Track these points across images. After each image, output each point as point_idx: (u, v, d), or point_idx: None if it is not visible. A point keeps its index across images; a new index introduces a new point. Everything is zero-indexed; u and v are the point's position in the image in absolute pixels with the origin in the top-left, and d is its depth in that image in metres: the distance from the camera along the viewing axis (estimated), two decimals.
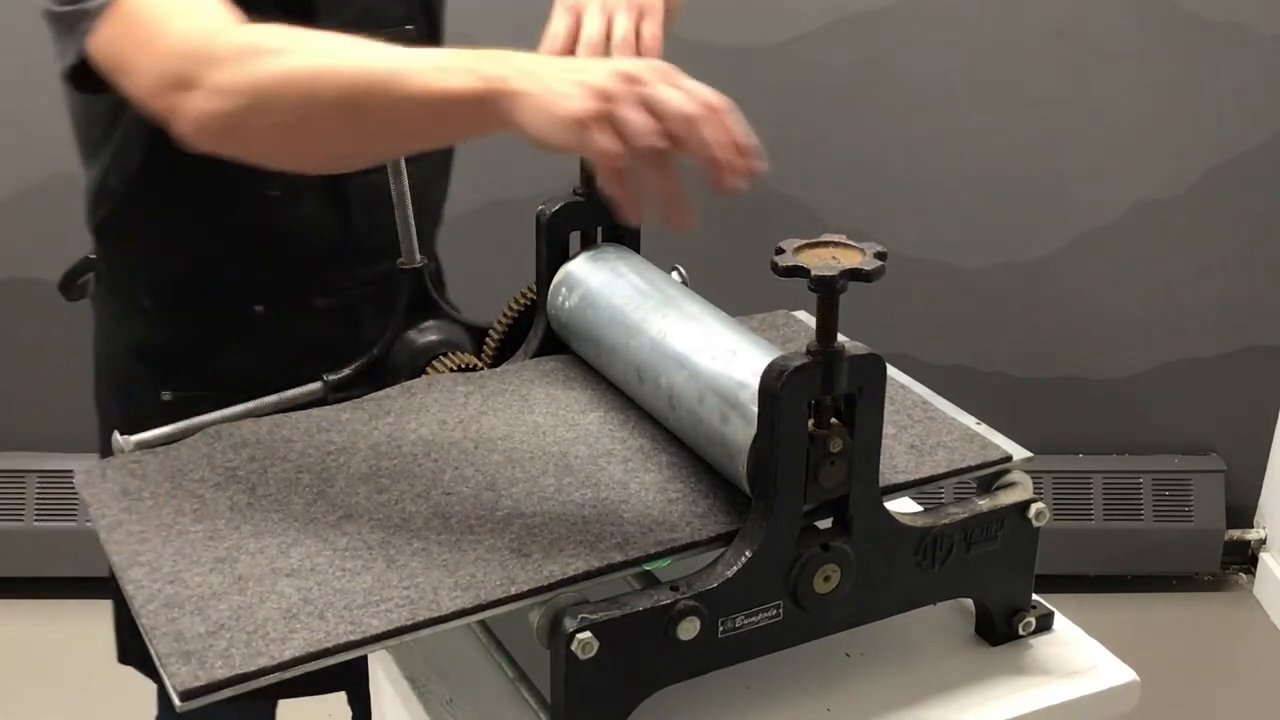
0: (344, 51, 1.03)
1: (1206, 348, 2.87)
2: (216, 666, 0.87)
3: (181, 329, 1.48)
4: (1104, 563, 2.88)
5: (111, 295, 1.52)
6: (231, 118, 1.05)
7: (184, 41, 1.08)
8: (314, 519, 1.02)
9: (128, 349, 1.51)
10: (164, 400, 1.47)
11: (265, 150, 1.08)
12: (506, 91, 0.95)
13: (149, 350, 1.50)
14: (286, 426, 1.14)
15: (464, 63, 0.98)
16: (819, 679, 1.07)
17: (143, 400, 1.48)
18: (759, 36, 2.62)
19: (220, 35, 1.08)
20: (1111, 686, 1.08)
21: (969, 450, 1.11)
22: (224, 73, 1.05)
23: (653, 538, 0.99)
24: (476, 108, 0.96)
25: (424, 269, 1.36)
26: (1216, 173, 2.74)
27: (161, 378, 1.48)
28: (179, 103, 1.07)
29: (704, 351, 1.06)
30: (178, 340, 1.48)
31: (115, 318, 1.52)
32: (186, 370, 1.48)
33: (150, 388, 1.48)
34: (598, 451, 1.10)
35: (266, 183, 1.40)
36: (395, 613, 0.92)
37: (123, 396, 1.53)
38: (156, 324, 1.48)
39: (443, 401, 1.18)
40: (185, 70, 1.07)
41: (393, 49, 1.03)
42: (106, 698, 2.36)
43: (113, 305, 1.52)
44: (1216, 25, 2.64)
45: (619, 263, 1.21)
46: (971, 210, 2.75)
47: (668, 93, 0.93)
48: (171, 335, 1.48)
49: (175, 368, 1.48)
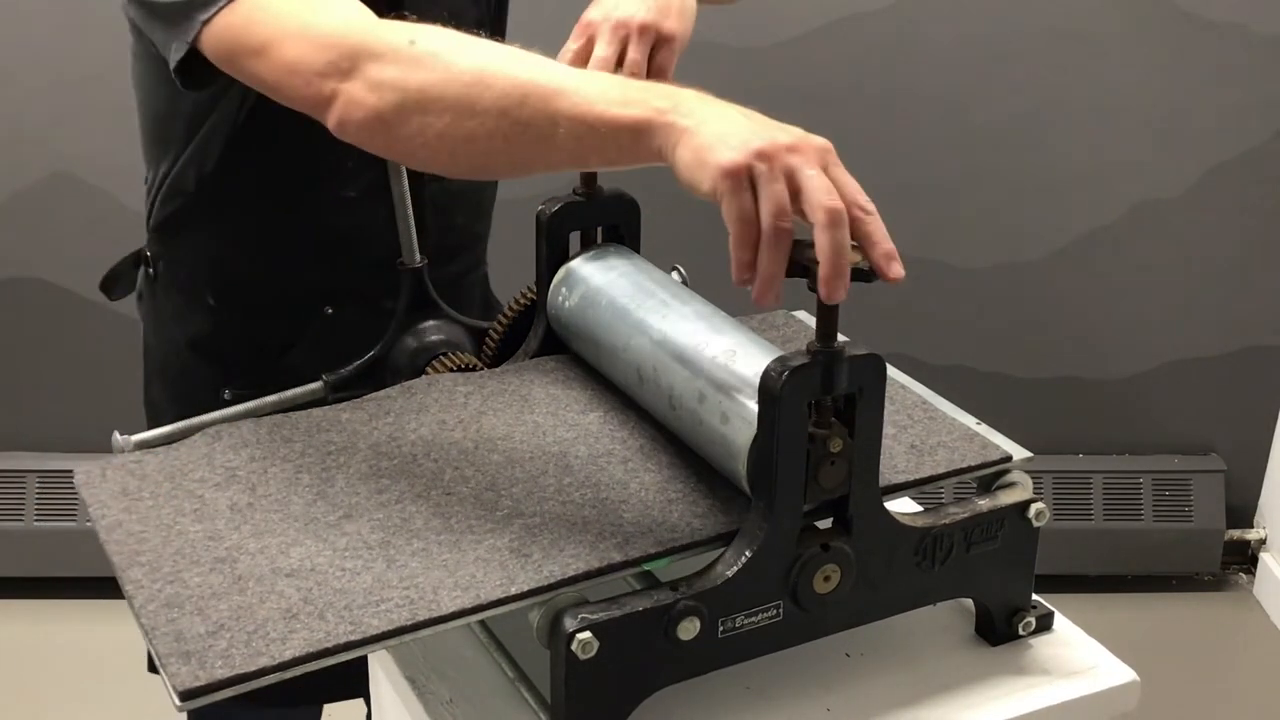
0: (507, 61, 1.02)
1: (1206, 348, 2.87)
2: (216, 666, 0.87)
3: (246, 327, 1.47)
4: (1104, 563, 2.88)
5: (171, 292, 1.51)
6: (388, 114, 1.03)
7: (345, 31, 1.07)
8: (314, 519, 1.02)
9: (187, 346, 1.50)
10: (224, 398, 1.45)
11: (413, 150, 1.05)
12: (668, 125, 0.94)
13: (210, 348, 1.49)
14: (286, 426, 1.14)
15: (631, 90, 0.97)
16: (819, 679, 1.07)
17: (201, 398, 1.45)
18: (759, 36, 2.62)
19: (382, 29, 1.06)
20: (1111, 686, 1.08)
21: (969, 450, 1.11)
22: (385, 68, 1.03)
23: (653, 538, 0.99)
24: (635, 135, 0.95)
25: (423, 268, 1.35)
26: (1216, 173, 2.74)
27: (223, 375, 1.47)
28: (340, 89, 1.05)
29: (704, 351, 1.06)
30: (242, 338, 1.47)
31: (175, 314, 1.51)
32: (250, 369, 1.47)
33: (210, 385, 1.46)
34: (598, 451, 1.10)
35: (344, 184, 1.39)
36: (395, 613, 0.92)
37: (179, 394, 1.52)
38: (220, 321, 1.47)
39: (443, 401, 1.18)
40: (346, 59, 1.05)
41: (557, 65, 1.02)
42: (106, 698, 2.36)
43: (172, 302, 1.51)
44: (1216, 25, 2.64)
45: (619, 262, 1.21)
46: (971, 210, 2.75)
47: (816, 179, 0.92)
48: (235, 333, 1.47)
49: (238, 366, 1.47)
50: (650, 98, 0.96)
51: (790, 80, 2.65)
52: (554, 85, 0.98)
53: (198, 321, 1.49)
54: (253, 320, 1.47)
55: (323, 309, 1.45)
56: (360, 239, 1.40)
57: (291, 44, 1.09)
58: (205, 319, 1.48)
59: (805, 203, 0.91)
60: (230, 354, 1.48)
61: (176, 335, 1.51)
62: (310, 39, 1.08)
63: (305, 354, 1.46)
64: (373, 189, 1.40)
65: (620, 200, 1.24)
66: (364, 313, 1.44)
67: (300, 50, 1.08)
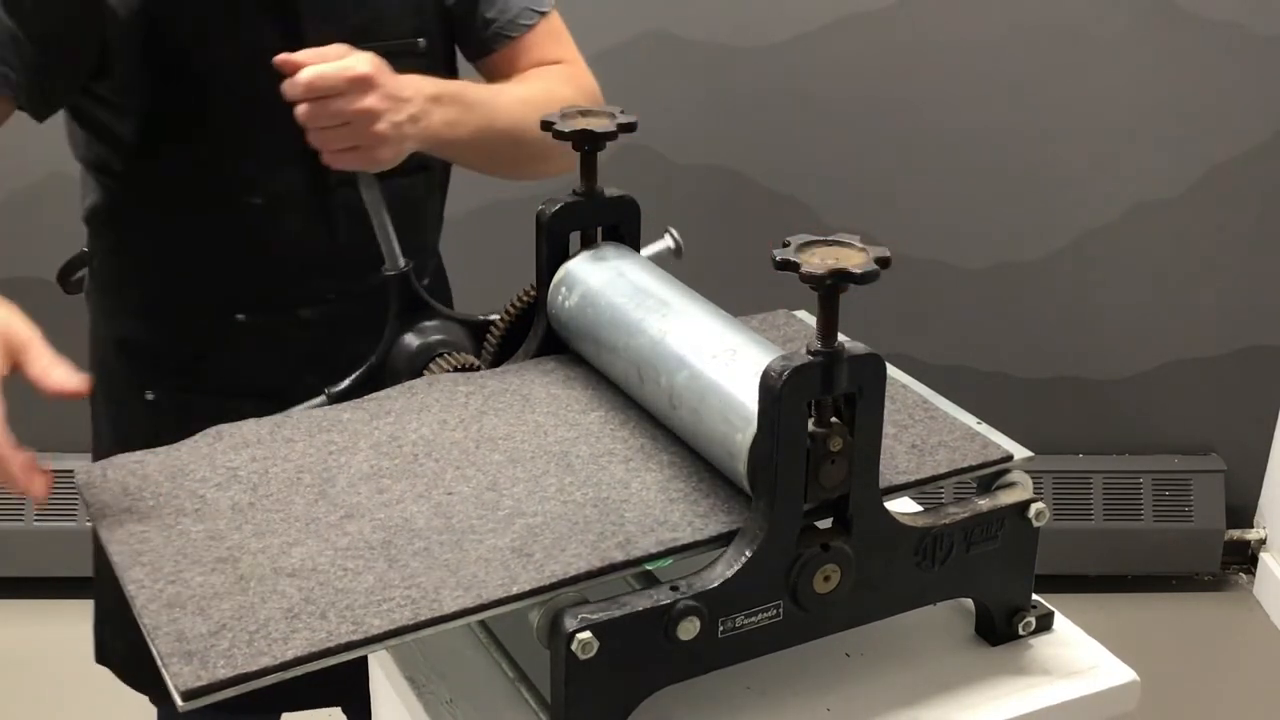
0: None
1: (1206, 348, 2.87)
2: (218, 666, 0.87)
3: (168, 330, 1.48)
4: (1104, 563, 2.89)
5: (103, 290, 1.52)
6: None
7: None
8: (315, 519, 1.02)
9: (116, 345, 1.51)
10: (147, 399, 1.46)
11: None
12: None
13: (136, 348, 1.49)
14: (287, 427, 1.14)
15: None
16: (819, 679, 1.07)
17: (128, 397, 1.48)
18: (759, 36, 2.62)
19: None
20: (1111, 686, 1.08)
21: (970, 450, 1.11)
22: None
23: (654, 537, 0.99)
24: None
25: (409, 272, 1.35)
26: (1216, 173, 2.74)
27: (146, 376, 1.48)
28: None
29: (704, 351, 1.06)
30: (163, 341, 1.48)
31: (106, 313, 1.52)
32: (171, 371, 1.47)
33: (134, 385, 1.47)
34: (599, 451, 1.10)
35: (251, 190, 1.39)
36: (397, 612, 0.92)
37: (108, 392, 1.53)
38: (144, 322, 1.48)
39: (444, 401, 1.18)
40: None
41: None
42: (106, 698, 2.36)
43: (104, 300, 1.52)
44: (1216, 25, 2.64)
45: (619, 262, 1.21)
46: (971, 210, 2.75)
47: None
48: (158, 335, 1.48)
49: (160, 368, 1.48)
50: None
51: (790, 80, 2.65)
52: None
53: (126, 320, 1.49)
54: (173, 323, 1.47)
55: (235, 316, 1.45)
56: (270, 247, 1.40)
57: None
58: (132, 318, 1.49)
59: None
60: (153, 355, 1.48)
61: (105, 333, 1.52)
62: None
63: (224, 360, 1.46)
64: (280, 198, 1.40)
65: (620, 200, 1.24)
66: (279, 322, 1.44)
67: None
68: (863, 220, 2.65)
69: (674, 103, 2.63)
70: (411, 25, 1.44)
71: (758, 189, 2.70)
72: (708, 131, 2.67)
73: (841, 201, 2.71)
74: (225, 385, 1.42)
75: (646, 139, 2.48)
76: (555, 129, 1.22)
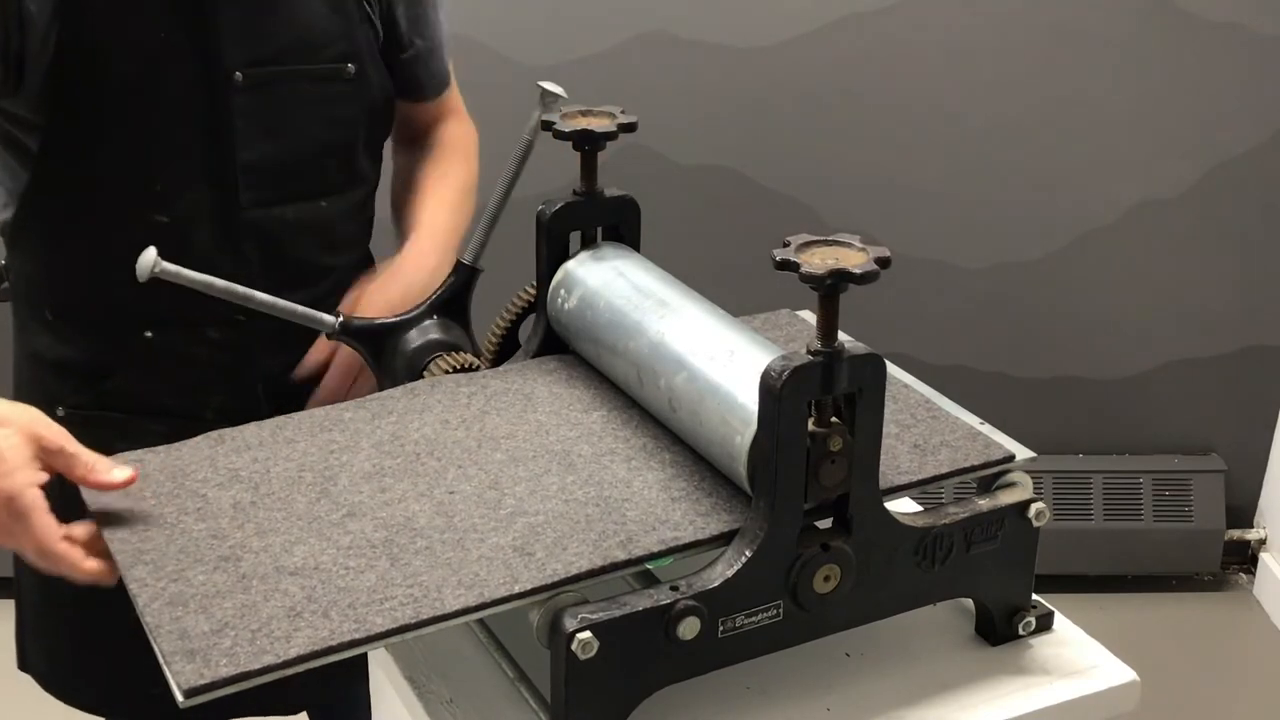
0: None
1: (1206, 348, 2.87)
2: (221, 664, 0.87)
3: (77, 345, 1.46)
4: (1104, 563, 2.89)
5: (19, 302, 1.50)
6: None
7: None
8: (317, 517, 1.02)
9: (29, 358, 1.50)
10: (58, 415, 1.44)
11: None
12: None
13: (48, 362, 1.48)
14: (289, 427, 1.14)
15: None
16: (819, 679, 1.07)
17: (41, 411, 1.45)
18: (759, 36, 2.62)
19: None
20: (1111, 686, 1.08)
21: (972, 449, 1.11)
22: None
23: (656, 536, 0.99)
24: None
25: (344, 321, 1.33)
26: (1216, 173, 2.74)
27: (58, 392, 1.46)
28: None
29: (702, 352, 1.06)
30: (72, 356, 1.46)
31: (20, 326, 1.51)
32: (81, 387, 1.46)
33: (46, 400, 1.44)
34: (601, 450, 1.10)
35: (155, 208, 1.38)
36: (399, 611, 0.92)
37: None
38: (55, 337, 1.46)
39: (445, 401, 1.18)
40: None
41: None
42: None
43: (21, 312, 1.50)
44: (1216, 25, 2.64)
45: (618, 261, 1.21)
46: (971, 210, 2.75)
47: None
48: (67, 350, 1.46)
49: (69, 383, 1.46)
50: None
51: (790, 80, 2.65)
52: None
53: (38, 334, 1.48)
54: (82, 339, 1.46)
55: (143, 333, 1.43)
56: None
57: None
58: (44, 332, 1.47)
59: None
60: (62, 370, 1.47)
61: (20, 346, 1.51)
62: None
63: (131, 378, 1.45)
64: (187, 217, 1.38)
65: (620, 200, 1.25)
66: (186, 339, 1.43)
67: None
68: (863, 220, 2.65)
69: (674, 103, 2.63)
70: (339, 50, 1.42)
71: (758, 189, 2.70)
72: (708, 131, 2.67)
73: (841, 201, 2.71)
74: (134, 403, 1.40)
75: (646, 139, 2.48)
76: (555, 129, 1.22)
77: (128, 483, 1.01)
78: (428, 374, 1.28)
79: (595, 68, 2.59)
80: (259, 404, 1.42)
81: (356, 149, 1.48)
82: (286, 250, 1.45)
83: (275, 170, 1.41)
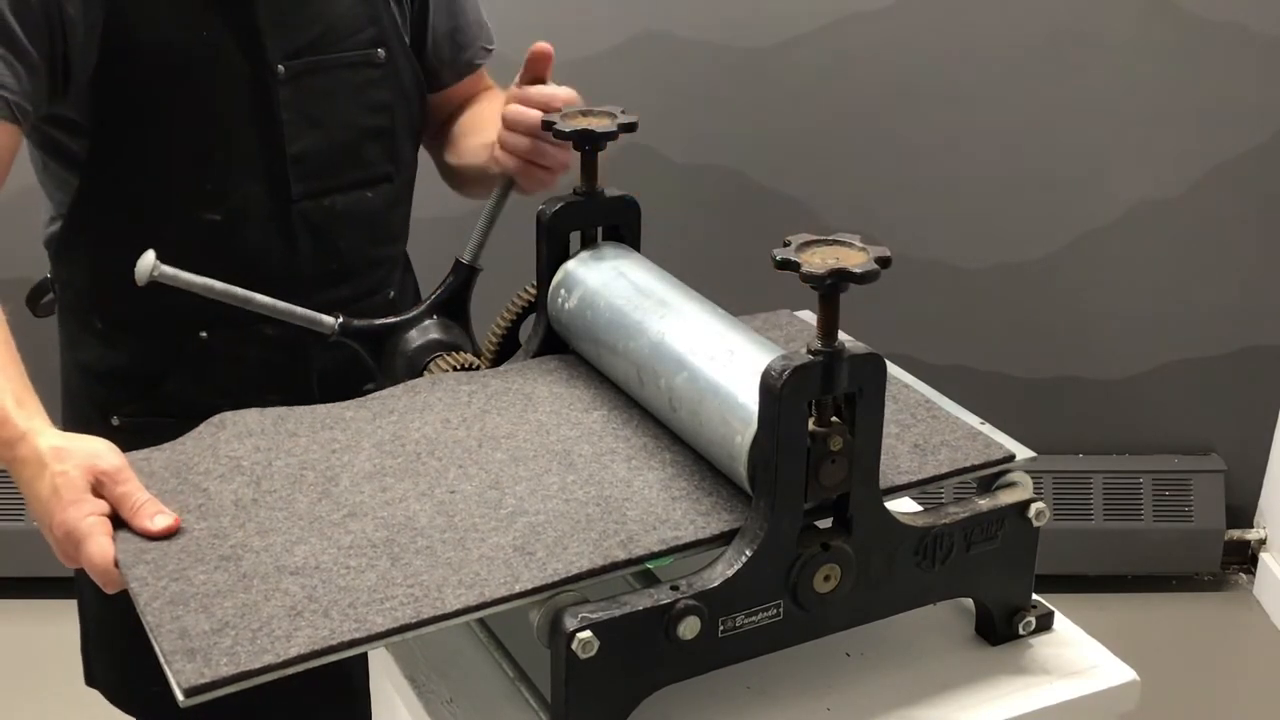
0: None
1: (1206, 348, 2.87)
2: (221, 664, 0.87)
3: (129, 353, 1.46)
4: (1104, 563, 2.89)
5: (67, 315, 1.50)
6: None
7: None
8: (318, 517, 1.02)
9: (81, 370, 1.50)
10: (113, 425, 1.44)
11: None
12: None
13: (99, 373, 1.48)
14: (291, 420, 1.15)
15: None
16: (819, 679, 1.07)
17: (94, 424, 1.45)
18: (759, 36, 2.63)
19: None
20: (1111, 686, 1.08)
21: (973, 449, 1.11)
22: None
23: (656, 535, 0.99)
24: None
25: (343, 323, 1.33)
26: (1216, 173, 2.74)
27: (111, 402, 1.46)
28: None
29: (702, 353, 1.06)
30: (126, 364, 1.46)
31: (70, 338, 1.51)
32: (135, 396, 1.46)
33: (100, 411, 1.46)
34: (601, 450, 1.10)
35: (207, 207, 1.38)
36: (399, 610, 0.92)
37: (75, 416, 1.51)
38: (107, 347, 1.47)
39: (446, 400, 1.18)
40: None
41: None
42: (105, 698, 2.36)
43: (69, 325, 1.51)
44: (1216, 25, 2.65)
45: (618, 261, 1.21)
46: (971, 210, 2.75)
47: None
48: (120, 359, 1.46)
49: (123, 392, 1.47)
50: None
51: (790, 80, 2.65)
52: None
53: (88, 345, 1.48)
54: (134, 346, 1.46)
55: (198, 334, 1.44)
56: (230, 263, 1.37)
57: None
58: (94, 343, 1.47)
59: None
60: (116, 379, 1.47)
61: (68, 359, 1.51)
62: None
63: (186, 381, 1.45)
64: (239, 212, 1.39)
65: (620, 200, 1.25)
66: (242, 338, 1.43)
67: None
68: (863, 220, 2.65)
69: (674, 103, 2.63)
70: (369, 36, 1.43)
71: (758, 189, 2.70)
72: (708, 131, 2.67)
73: (841, 201, 2.71)
74: (188, 407, 1.40)
75: (646, 139, 2.48)
76: (556, 129, 1.23)
77: (165, 532, 1.01)
78: (428, 374, 1.28)
79: (595, 67, 2.59)
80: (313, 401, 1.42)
81: (395, 134, 1.49)
82: (337, 242, 1.46)
83: (322, 160, 1.42)
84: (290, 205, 1.41)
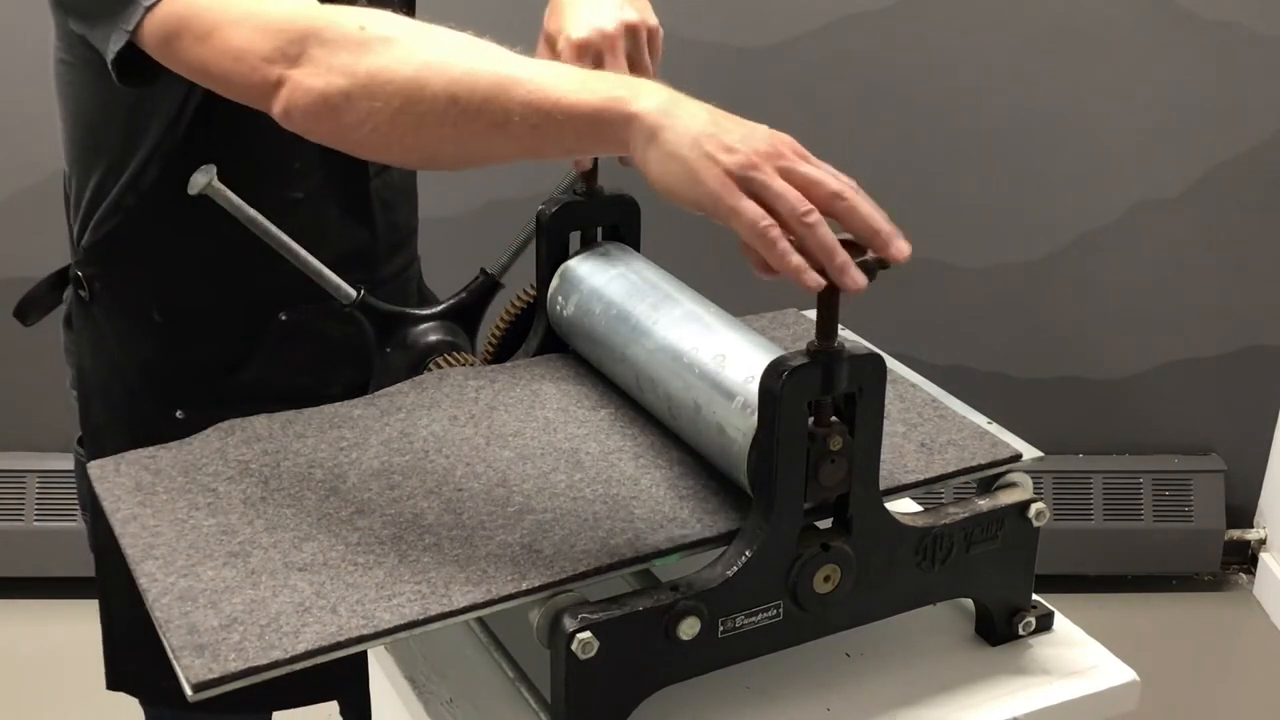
0: (461, 47, 1.01)
1: (1206, 348, 2.87)
2: (230, 659, 0.88)
3: (198, 343, 1.44)
4: (1104, 563, 2.89)
5: (112, 314, 1.45)
6: (335, 99, 1.01)
7: (293, 16, 1.05)
8: (326, 514, 1.02)
9: (135, 369, 1.45)
10: (177, 419, 1.42)
11: (363, 139, 1.03)
12: (631, 116, 0.95)
13: (160, 368, 1.44)
14: (299, 422, 1.15)
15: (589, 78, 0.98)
16: (819, 679, 1.07)
17: (152, 421, 1.42)
18: (759, 36, 2.63)
19: (332, 14, 1.05)
20: (1111, 686, 1.09)
21: (979, 448, 1.11)
22: (334, 54, 1.02)
23: (664, 534, 0.99)
24: (594, 123, 0.95)
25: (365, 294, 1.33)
26: (1216, 173, 2.75)
27: (174, 396, 1.43)
28: (286, 75, 1.03)
29: (695, 357, 1.06)
30: (194, 355, 1.44)
31: (118, 337, 1.45)
32: (204, 386, 1.43)
33: (161, 407, 1.43)
34: (609, 448, 1.10)
35: (291, 185, 1.38)
36: (407, 607, 0.92)
37: (126, 417, 1.47)
38: (168, 341, 1.43)
39: (454, 397, 1.18)
40: (294, 45, 1.03)
41: (511, 53, 1.01)
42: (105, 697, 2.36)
43: (114, 324, 1.45)
44: (1216, 25, 2.65)
45: (617, 261, 1.21)
46: (971, 210, 2.75)
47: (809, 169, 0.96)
48: (187, 351, 1.44)
49: (189, 385, 1.44)
50: (609, 86, 0.97)
51: (790, 80, 2.65)
52: (508, 72, 0.97)
53: (144, 343, 1.44)
54: (204, 336, 1.43)
55: (276, 315, 1.42)
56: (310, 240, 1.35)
57: (238, 30, 1.07)
58: (152, 340, 1.43)
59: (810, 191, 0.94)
60: (182, 372, 1.44)
61: (120, 358, 1.46)
62: (257, 24, 1.06)
63: (261, 365, 1.43)
64: (320, 190, 1.39)
65: (620, 200, 1.25)
66: (319, 316, 1.42)
67: (247, 36, 1.06)
68: None
69: None
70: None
71: None
72: None
73: None
74: (260, 391, 1.39)
75: None
76: None
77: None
78: (427, 371, 1.28)
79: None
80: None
81: None
82: (395, 215, 1.48)
83: None
84: (368, 182, 1.42)
